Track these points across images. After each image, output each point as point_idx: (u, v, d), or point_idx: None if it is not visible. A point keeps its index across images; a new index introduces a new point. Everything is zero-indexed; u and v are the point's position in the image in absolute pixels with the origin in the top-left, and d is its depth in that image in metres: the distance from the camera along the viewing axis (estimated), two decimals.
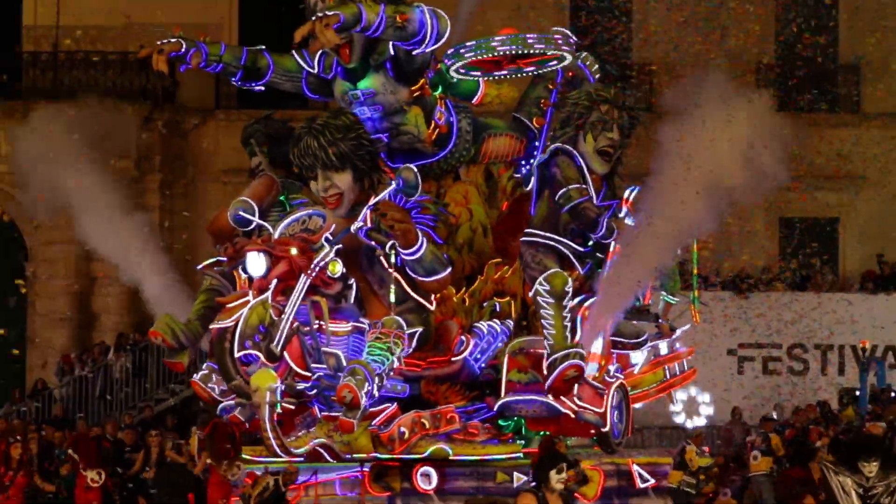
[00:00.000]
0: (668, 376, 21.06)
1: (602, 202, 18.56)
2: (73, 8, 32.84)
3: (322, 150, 16.98)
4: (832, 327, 28.73)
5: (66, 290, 31.89)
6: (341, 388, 16.45)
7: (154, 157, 32.63)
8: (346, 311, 17.16)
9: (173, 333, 17.60)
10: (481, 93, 19.32)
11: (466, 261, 19.18)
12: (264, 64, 18.06)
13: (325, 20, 16.24)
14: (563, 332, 17.52)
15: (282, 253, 16.26)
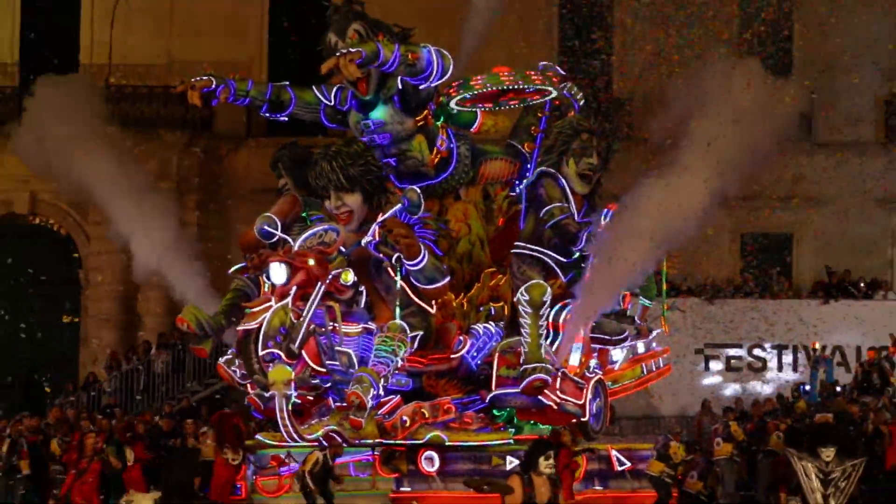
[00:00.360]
0: (645, 372, 20.93)
1: (583, 219, 18.48)
2: (123, 48, 32.84)
3: (334, 174, 17.02)
4: (787, 330, 28.61)
5: (114, 294, 31.80)
6: (350, 395, 16.50)
7: (192, 179, 32.55)
8: (357, 314, 17.13)
9: (197, 321, 17.64)
10: (479, 122, 19.26)
11: (466, 270, 19.11)
12: (287, 98, 18.05)
13: (350, 56, 16.27)
14: (537, 342, 17.49)
15: (300, 264, 16.23)
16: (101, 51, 32.79)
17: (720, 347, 28.61)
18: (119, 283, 31.77)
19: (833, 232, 32.04)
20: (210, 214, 32.46)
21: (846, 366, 28.31)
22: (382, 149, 17.94)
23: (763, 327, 28.56)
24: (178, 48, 32.70)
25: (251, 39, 33.12)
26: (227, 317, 17.56)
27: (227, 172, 33.20)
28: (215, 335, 17.75)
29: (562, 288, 18.44)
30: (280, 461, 18.77)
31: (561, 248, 18.21)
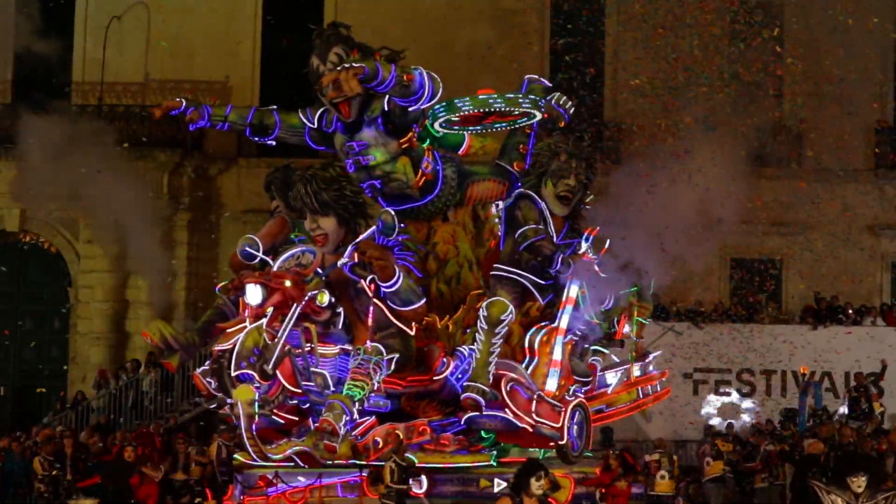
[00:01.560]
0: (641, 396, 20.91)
1: (563, 240, 18.49)
2: (115, 67, 32.83)
3: (308, 197, 17.15)
4: (776, 355, 28.59)
5: (103, 312, 31.74)
6: (322, 422, 16.58)
7: (183, 199, 32.53)
8: (334, 335, 17.18)
9: (161, 336, 17.72)
10: (466, 145, 19.28)
11: (455, 292, 19.08)
12: (271, 122, 18.12)
13: (353, 70, 16.30)
14: (486, 359, 17.49)
15: (276, 285, 16.29)
16: (93, 70, 32.79)
17: (709, 372, 28.59)
18: (109, 301, 31.74)
19: (822, 258, 32.08)
20: (201, 234, 32.43)
21: (834, 391, 28.32)
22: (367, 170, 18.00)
23: (751, 352, 28.56)
24: (171, 68, 32.73)
25: (244, 60, 33.14)
26: (202, 334, 17.63)
27: (217, 192, 33.18)
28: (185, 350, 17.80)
29: (539, 310, 18.45)
30: (268, 481, 18.70)
31: (539, 271, 18.21)
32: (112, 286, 31.81)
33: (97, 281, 31.87)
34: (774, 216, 32.03)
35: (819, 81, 32.11)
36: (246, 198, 32.05)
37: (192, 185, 32.64)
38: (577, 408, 18.46)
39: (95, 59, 32.68)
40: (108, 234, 31.33)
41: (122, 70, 32.92)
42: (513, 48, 31.49)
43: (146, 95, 32.87)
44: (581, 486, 19.30)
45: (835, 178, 32.17)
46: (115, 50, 32.75)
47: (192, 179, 32.60)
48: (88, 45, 33.05)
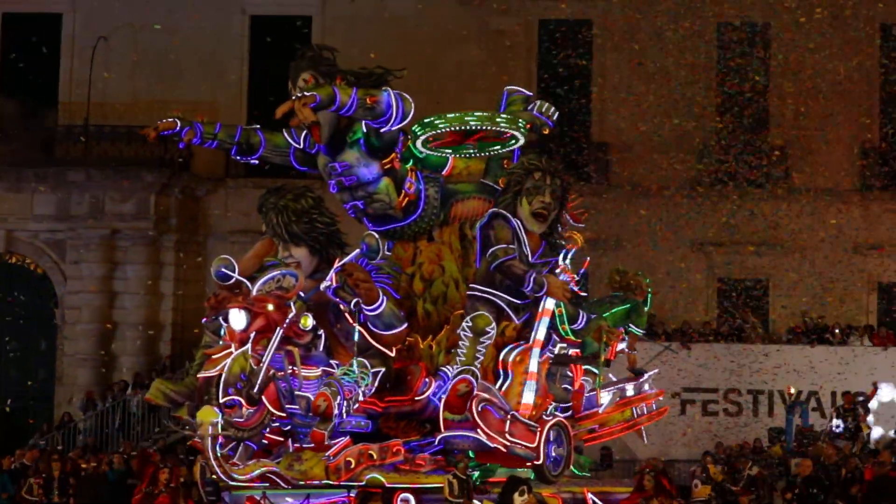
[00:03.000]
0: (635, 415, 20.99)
1: (539, 259, 18.62)
2: (102, 87, 32.90)
3: (280, 227, 17.35)
4: (762, 375, 28.71)
5: (90, 333, 31.77)
6: (318, 397, 16.63)
7: (171, 219, 32.60)
8: (316, 358, 17.30)
9: (164, 396, 17.82)
10: (450, 165, 19.42)
11: (441, 311, 19.22)
12: (257, 141, 18.24)
13: (303, 100, 16.48)
14: (472, 360, 17.61)
15: (259, 309, 16.41)
16: (79, 90, 32.87)
17: (696, 392, 28.71)
18: (95, 322, 31.77)
19: (809, 278, 32.25)
20: (188, 255, 32.50)
21: (821, 411, 28.45)
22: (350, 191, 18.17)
23: (739, 372, 28.69)
24: (158, 88, 32.82)
25: (231, 81, 33.27)
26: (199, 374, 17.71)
27: (205, 213, 33.23)
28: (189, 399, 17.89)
29: (516, 330, 18.58)
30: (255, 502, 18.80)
31: (514, 290, 18.35)
32: (98, 307, 31.85)
33: (83, 302, 31.91)
34: (761, 237, 32.22)
35: (805, 102, 32.33)
36: (233, 218, 32.13)
37: (180, 205, 32.71)
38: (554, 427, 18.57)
39: (82, 80, 32.77)
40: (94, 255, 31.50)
41: (109, 90, 33.01)
42: (500, 68, 31.68)
43: (133, 116, 32.94)
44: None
45: (821, 199, 32.36)
46: (102, 70, 32.85)
47: (180, 200, 32.66)
48: (75, 65, 33.13)
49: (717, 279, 32.86)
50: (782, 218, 32.12)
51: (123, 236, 32.14)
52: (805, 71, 32.50)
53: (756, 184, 32.46)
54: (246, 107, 32.89)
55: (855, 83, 32.67)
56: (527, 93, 20.06)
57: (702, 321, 31.32)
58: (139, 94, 32.94)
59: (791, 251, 32.39)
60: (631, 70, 32.61)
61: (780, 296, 32.75)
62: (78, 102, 32.83)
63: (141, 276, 32.04)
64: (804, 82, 32.51)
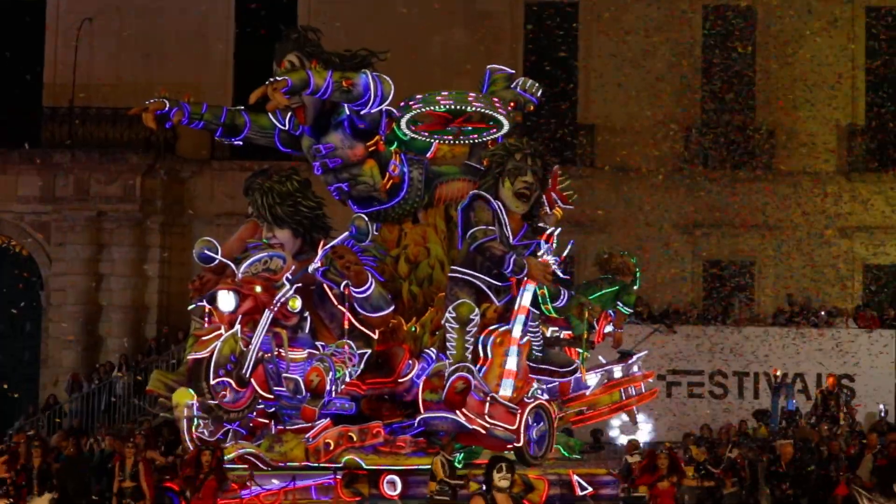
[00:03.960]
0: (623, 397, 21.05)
1: (521, 241, 18.67)
2: (87, 69, 32.78)
3: (264, 209, 17.38)
4: (748, 357, 28.79)
5: (76, 315, 31.73)
6: (310, 372, 16.69)
7: (156, 201, 32.54)
8: (302, 340, 17.35)
9: (165, 386, 17.86)
10: (434, 148, 19.47)
11: (427, 293, 19.26)
12: (241, 122, 18.26)
13: (275, 85, 16.52)
14: (463, 353, 17.66)
15: (248, 291, 16.45)
16: (64, 71, 32.75)
17: (682, 374, 28.79)
18: (81, 304, 31.72)
19: (794, 260, 32.32)
20: (173, 237, 32.46)
21: (806, 393, 28.55)
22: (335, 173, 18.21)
23: (724, 354, 28.76)
24: (143, 70, 32.73)
25: (217, 62, 33.19)
26: None
27: (190, 195, 33.20)
28: None
29: (496, 312, 18.63)
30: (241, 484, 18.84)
31: (494, 272, 18.39)
32: (84, 289, 31.81)
33: (69, 284, 31.87)
34: (747, 218, 32.27)
35: (791, 84, 32.38)
36: (219, 200, 32.09)
37: (165, 187, 32.66)
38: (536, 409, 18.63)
39: (66, 61, 32.66)
40: (79, 237, 31.44)
41: (94, 72, 32.90)
42: (486, 50, 31.66)
43: (118, 97, 32.85)
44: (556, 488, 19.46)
45: (807, 181, 32.42)
46: (87, 52, 32.74)
47: (165, 182, 32.60)
48: (59, 47, 33.01)
49: (703, 261, 32.93)
50: (768, 200, 32.16)
51: (109, 218, 32.07)
52: (790, 53, 32.53)
53: (742, 165, 32.52)
54: (232, 88, 32.81)
55: (840, 64, 32.71)
56: (509, 71, 20.06)
57: (687, 303, 31.39)
58: (124, 75, 32.85)
59: (777, 233, 32.46)
60: (617, 52, 32.61)
61: (765, 278, 32.84)
62: (63, 84, 32.73)
63: (126, 258, 32.00)
64: (790, 64, 32.54)
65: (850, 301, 32.08)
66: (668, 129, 32.37)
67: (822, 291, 31.69)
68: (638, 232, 31.04)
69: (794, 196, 32.35)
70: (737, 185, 32.20)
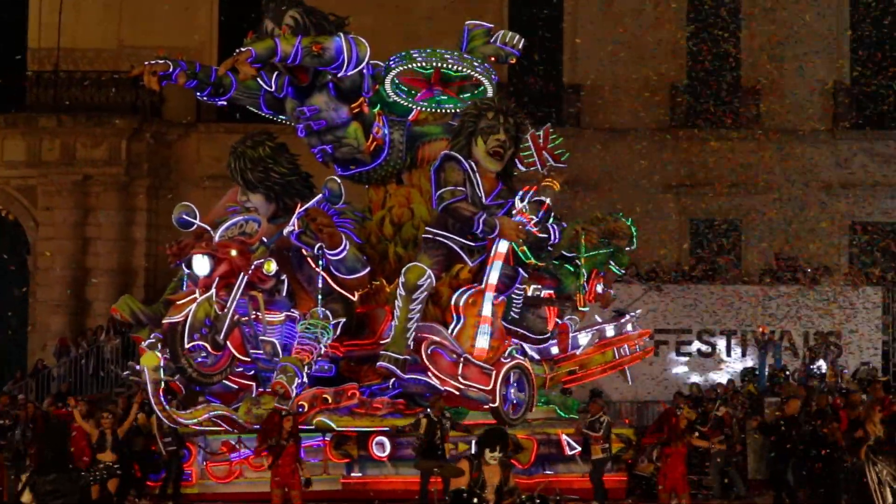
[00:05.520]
0: (617, 356, 20.94)
1: (495, 200, 18.49)
2: (72, 33, 32.47)
3: (237, 173, 17.38)
4: (735, 315, 28.71)
5: (63, 280, 31.54)
6: (274, 385, 16.76)
7: (142, 165, 32.30)
8: (279, 302, 17.32)
9: (131, 311, 17.86)
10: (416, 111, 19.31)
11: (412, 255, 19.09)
12: (228, 82, 18.18)
13: (238, 56, 16.44)
14: (403, 326, 17.62)
15: (223, 255, 16.35)
16: (49, 35, 32.42)
17: (669, 333, 28.70)
18: (68, 268, 31.54)
19: (780, 218, 32.22)
20: (160, 200, 32.23)
21: (794, 351, 28.49)
22: (319, 135, 18.02)
23: (712, 313, 28.68)
24: (128, 33, 32.45)
25: (201, 25, 32.87)
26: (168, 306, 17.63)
27: (177, 158, 32.96)
28: (154, 324, 17.82)
29: (471, 272, 18.46)
30: (231, 447, 18.71)
31: (466, 232, 18.22)
32: (71, 253, 31.60)
33: (56, 248, 31.66)
34: (733, 177, 32.12)
35: (776, 42, 32.17)
36: (205, 163, 31.87)
37: (151, 151, 32.40)
38: (513, 370, 18.46)
39: (51, 25, 32.31)
40: (66, 201, 31.20)
41: (79, 36, 32.57)
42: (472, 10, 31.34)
43: (103, 61, 32.56)
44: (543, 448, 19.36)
45: (793, 139, 32.27)
46: (72, 15, 32.40)
47: (151, 145, 32.35)
48: (44, 11, 32.65)
49: (690, 220, 32.81)
50: (754, 158, 32.02)
51: (95, 182, 31.83)
52: (776, 12, 32.30)
53: (728, 125, 32.35)
54: (217, 51, 32.43)
55: (826, 23, 32.50)
56: (487, 25, 19.88)
57: (674, 262, 31.28)
58: (109, 39, 32.55)
59: (763, 191, 32.34)
60: (603, 12, 32.34)
61: (752, 236, 32.73)
62: (48, 48, 32.40)
63: (113, 221, 31.78)
64: (775, 23, 32.31)
65: (836, 258, 32.00)
66: (653, 89, 32.18)
67: (808, 249, 31.59)
68: (624, 191, 30.85)
69: (779, 154, 32.19)
70: (723, 145, 32.01)
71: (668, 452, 15.93)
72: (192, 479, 18.77)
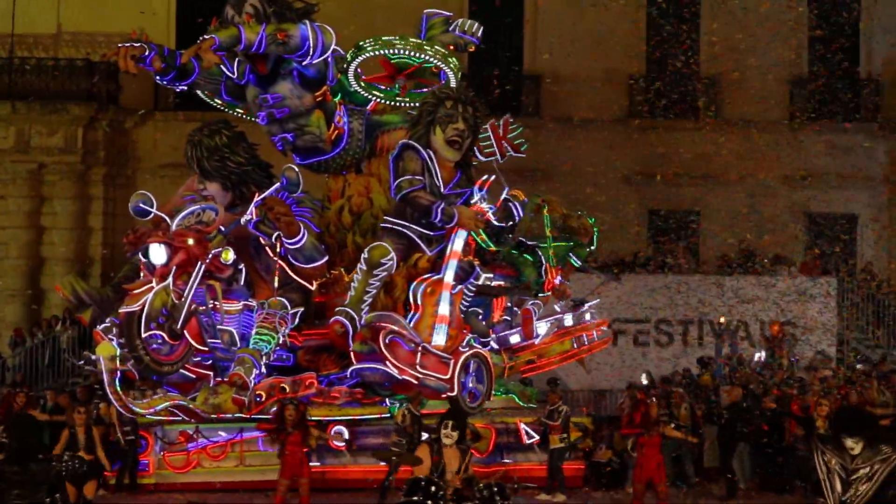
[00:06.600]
0: (576, 346, 21.08)
1: (454, 190, 18.61)
2: (27, 18, 32.26)
3: (194, 161, 17.41)
4: (693, 305, 28.92)
5: (18, 269, 31.39)
6: (232, 376, 16.78)
7: (99, 153, 32.17)
8: (237, 292, 17.35)
9: (73, 290, 17.86)
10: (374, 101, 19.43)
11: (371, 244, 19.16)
12: (191, 67, 18.16)
13: (202, 44, 16.44)
14: (360, 297, 17.74)
15: (180, 243, 16.36)
16: (3, 21, 32.21)
17: (627, 322, 28.88)
18: (23, 257, 31.38)
19: (739, 209, 32.46)
20: (117, 189, 32.13)
21: (750, 340, 28.74)
22: (281, 123, 18.02)
23: (669, 302, 28.89)
24: (85, 20, 32.28)
25: (158, 11, 32.72)
26: (118, 290, 17.65)
27: (134, 146, 32.86)
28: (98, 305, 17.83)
29: (429, 262, 18.57)
30: (188, 437, 18.75)
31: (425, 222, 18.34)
32: (26, 242, 31.46)
33: (11, 237, 31.51)
34: (692, 168, 32.35)
35: (735, 34, 32.40)
36: (163, 151, 31.77)
37: (108, 139, 32.27)
38: (471, 359, 18.59)
39: (5, 11, 32.11)
40: (21, 190, 31.05)
41: (34, 22, 32.38)
42: None
43: (59, 48, 32.39)
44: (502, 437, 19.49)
45: (751, 130, 32.50)
46: (26, 1, 32.20)
47: (108, 133, 32.21)
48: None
49: (648, 210, 33.02)
50: (712, 150, 32.24)
51: (51, 171, 31.68)
52: (735, 3, 32.52)
53: (686, 115, 32.57)
54: (174, 38, 32.34)
55: (784, 14, 32.75)
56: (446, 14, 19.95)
57: (633, 252, 31.49)
58: (65, 25, 32.38)
59: (721, 182, 32.57)
60: (563, 2, 32.46)
61: (710, 227, 32.97)
62: (2, 34, 32.18)
63: (69, 210, 31.65)
64: (734, 15, 32.53)
65: (793, 249, 32.30)
66: (613, 79, 32.34)
67: (765, 240, 31.86)
68: (583, 182, 31.02)
69: (738, 146, 32.43)
70: (681, 135, 32.23)
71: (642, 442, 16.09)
72: (149, 469, 18.78)
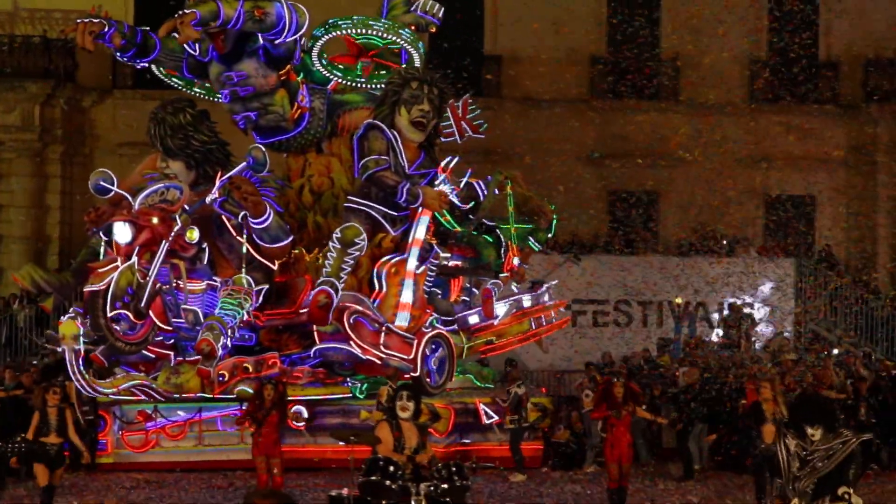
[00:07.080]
0: (534, 326, 21.22)
1: (418, 170, 18.71)
2: None
3: (157, 139, 17.35)
4: (652, 286, 29.10)
5: None
6: (200, 342, 16.71)
7: (56, 131, 31.99)
8: (200, 271, 17.34)
9: (32, 280, 17.81)
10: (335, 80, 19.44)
11: (331, 224, 19.21)
12: (152, 43, 18.08)
13: (182, 18, 16.40)
14: (338, 272, 17.82)
15: (144, 222, 16.34)
16: None
17: (587, 303, 29.04)
18: None
19: (698, 190, 32.65)
20: (75, 167, 31.97)
21: (709, 321, 28.96)
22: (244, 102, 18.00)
23: (628, 284, 29.06)
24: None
25: None
26: (77, 274, 17.61)
27: (91, 124, 32.69)
28: (59, 292, 17.79)
29: (393, 241, 18.67)
30: (147, 416, 18.78)
31: (389, 202, 18.42)
32: None
33: None
34: (652, 149, 32.50)
35: (696, 15, 32.53)
36: (121, 130, 31.62)
37: (65, 117, 32.09)
38: (434, 339, 18.71)
39: None
40: None
41: None
42: None
43: (14, 25, 32.14)
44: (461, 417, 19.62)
45: (711, 112, 32.68)
46: None
47: (65, 111, 32.03)
48: None
49: (608, 191, 33.15)
50: (672, 130, 32.39)
51: (7, 148, 31.49)
52: None
53: (647, 96, 32.71)
54: (133, 14, 32.16)
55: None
56: None
57: (592, 233, 31.62)
58: (21, 2, 32.13)
59: (681, 163, 32.74)
60: None
61: (669, 208, 33.15)
62: None
63: (26, 188, 31.48)
64: None
65: (751, 231, 32.54)
66: (573, 60, 32.43)
67: (724, 221, 32.06)
68: (543, 162, 31.11)
69: (697, 127, 32.60)
70: (641, 116, 32.37)
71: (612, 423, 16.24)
72: (107, 449, 18.80)
